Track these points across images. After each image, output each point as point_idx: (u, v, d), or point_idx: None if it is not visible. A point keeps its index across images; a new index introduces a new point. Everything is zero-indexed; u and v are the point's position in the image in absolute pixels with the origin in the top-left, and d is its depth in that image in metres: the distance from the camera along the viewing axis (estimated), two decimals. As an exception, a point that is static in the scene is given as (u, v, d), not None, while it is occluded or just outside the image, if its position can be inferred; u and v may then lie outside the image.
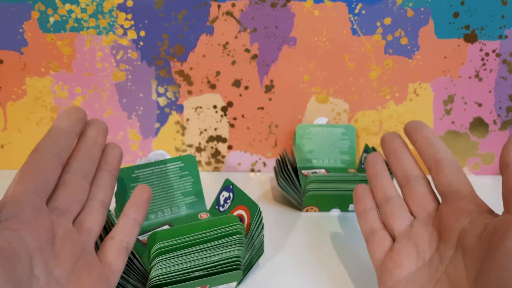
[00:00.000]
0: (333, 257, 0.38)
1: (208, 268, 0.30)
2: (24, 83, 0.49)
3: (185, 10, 0.47)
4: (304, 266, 0.37)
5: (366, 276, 0.36)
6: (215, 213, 0.40)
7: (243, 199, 0.36)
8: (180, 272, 0.30)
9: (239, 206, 0.37)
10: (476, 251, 0.25)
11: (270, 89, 0.50)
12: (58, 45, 0.48)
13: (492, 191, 0.49)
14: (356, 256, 0.38)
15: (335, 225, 0.43)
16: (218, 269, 0.31)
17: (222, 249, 0.31)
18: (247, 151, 0.53)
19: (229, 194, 0.39)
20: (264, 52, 0.49)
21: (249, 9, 0.47)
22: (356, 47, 0.48)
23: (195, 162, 0.41)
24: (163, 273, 0.29)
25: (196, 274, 0.30)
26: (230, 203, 0.38)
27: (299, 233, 0.42)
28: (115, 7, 0.46)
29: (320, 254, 0.39)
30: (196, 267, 0.30)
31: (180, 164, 0.40)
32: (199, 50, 0.48)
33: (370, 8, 0.47)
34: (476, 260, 0.25)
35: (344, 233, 0.42)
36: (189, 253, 0.31)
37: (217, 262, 0.31)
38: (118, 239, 0.29)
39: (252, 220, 0.34)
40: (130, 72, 0.49)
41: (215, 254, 0.31)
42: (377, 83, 0.50)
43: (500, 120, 0.51)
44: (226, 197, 0.39)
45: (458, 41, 0.48)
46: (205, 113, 0.51)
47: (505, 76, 0.50)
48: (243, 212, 0.36)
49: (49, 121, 0.51)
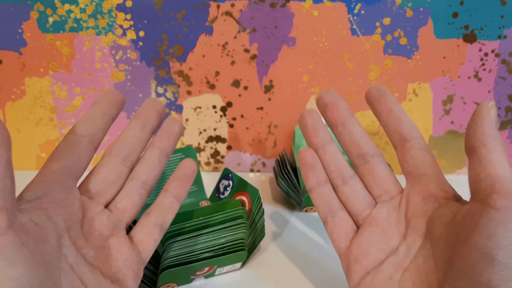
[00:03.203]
0: (333, 256, 0.38)
1: (216, 250, 0.33)
2: (23, 83, 0.49)
3: (184, 10, 0.47)
4: (304, 260, 0.37)
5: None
6: (215, 200, 0.41)
7: (243, 185, 0.38)
8: (190, 253, 0.32)
9: (239, 192, 0.38)
10: (445, 241, 0.24)
11: (270, 89, 0.50)
12: (57, 45, 0.48)
13: None
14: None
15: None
16: (225, 251, 0.33)
17: (228, 232, 0.34)
18: (247, 151, 0.53)
19: (229, 182, 0.40)
20: (264, 52, 0.49)
21: (249, 9, 0.47)
22: (356, 47, 0.48)
23: (195, 153, 0.42)
24: (174, 255, 0.32)
25: (204, 256, 0.33)
26: (230, 190, 0.39)
27: (299, 233, 0.42)
28: (114, 7, 0.46)
29: (320, 254, 0.39)
30: (204, 249, 0.33)
31: (181, 155, 0.42)
32: (199, 50, 0.48)
33: (369, 8, 0.47)
34: (445, 250, 0.24)
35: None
36: (198, 236, 0.33)
37: (224, 244, 0.33)
38: (153, 216, 0.28)
39: (253, 205, 0.36)
40: (129, 72, 0.49)
41: (222, 236, 0.33)
42: (376, 83, 0.50)
43: (499, 120, 0.51)
44: (226, 185, 0.40)
45: (457, 41, 0.48)
46: (205, 113, 0.51)
47: (504, 76, 0.50)
48: (244, 197, 0.37)
49: (48, 121, 0.51)
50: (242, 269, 0.37)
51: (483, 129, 0.24)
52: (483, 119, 0.24)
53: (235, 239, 0.34)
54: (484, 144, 0.24)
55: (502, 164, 0.23)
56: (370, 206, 0.29)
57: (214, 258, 0.33)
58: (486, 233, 0.21)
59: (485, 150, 0.23)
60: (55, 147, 0.26)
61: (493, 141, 0.24)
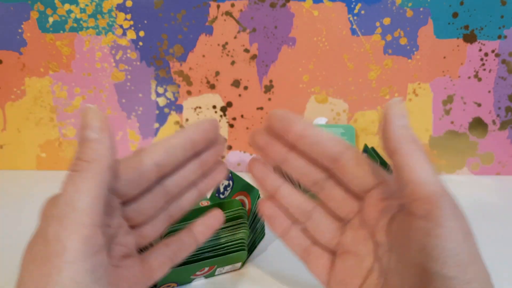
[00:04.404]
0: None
1: (216, 250, 0.33)
2: (23, 83, 0.49)
3: (184, 10, 0.47)
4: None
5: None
6: (215, 200, 0.41)
7: (243, 185, 0.38)
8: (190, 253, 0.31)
9: (239, 192, 0.38)
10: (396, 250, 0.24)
11: (270, 89, 0.50)
12: (57, 45, 0.48)
13: (492, 191, 0.49)
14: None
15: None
16: (225, 250, 0.33)
17: (228, 232, 0.34)
18: (247, 151, 0.53)
19: (229, 182, 0.40)
20: (264, 52, 0.49)
21: (249, 9, 0.47)
22: (356, 47, 0.48)
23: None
24: None
25: (205, 255, 0.33)
26: (230, 190, 0.39)
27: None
28: (114, 7, 0.46)
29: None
30: (204, 249, 0.33)
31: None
32: (199, 50, 0.48)
33: (370, 8, 0.47)
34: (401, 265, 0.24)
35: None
36: None
37: (224, 244, 0.33)
38: (171, 250, 0.29)
39: (253, 205, 0.36)
40: (129, 72, 0.49)
41: (222, 236, 0.33)
42: (376, 83, 0.50)
43: (499, 120, 0.51)
44: (226, 185, 0.40)
45: (457, 41, 0.48)
46: (205, 113, 0.51)
47: (504, 76, 0.50)
48: (244, 197, 0.37)
49: (48, 121, 0.51)
50: (242, 269, 0.37)
51: (391, 134, 0.23)
52: (389, 123, 0.23)
53: (235, 239, 0.34)
54: (396, 150, 0.22)
55: (418, 167, 0.22)
56: (339, 231, 0.28)
57: (214, 258, 0.33)
58: (417, 247, 0.21)
59: (398, 156, 0.22)
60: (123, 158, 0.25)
61: (404, 144, 0.22)
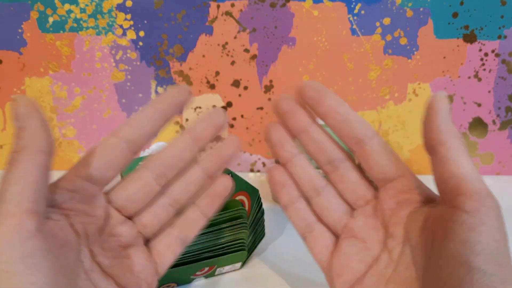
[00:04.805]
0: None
1: (216, 250, 0.33)
2: (23, 83, 0.49)
3: (184, 10, 0.47)
4: (304, 260, 0.37)
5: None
6: None
7: (243, 185, 0.38)
8: (190, 253, 0.32)
9: (239, 192, 0.38)
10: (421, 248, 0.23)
11: (270, 89, 0.50)
12: (57, 45, 0.48)
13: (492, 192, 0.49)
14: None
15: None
16: (225, 250, 0.34)
17: (228, 232, 0.34)
18: (247, 151, 0.53)
19: None
20: (264, 52, 0.49)
21: (249, 9, 0.47)
22: (356, 47, 0.48)
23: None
24: None
25: (204, 256, 0.33)
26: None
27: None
28: (114, 7, 0.46)
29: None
30: (205, 249, 0.33)
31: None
32: (199, 50, 0.48)
33: (370, 8, 0.47)
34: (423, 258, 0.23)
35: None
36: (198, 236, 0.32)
37: (224, 244, 0.33)
38: (177, 228, 0.27)
39: (253, 205, 0.36)
40: (129, 72, 0.49)
41: (222, 236, 0.33)
42: (376, 83, 0.50)
43: (499, 120, 0.51)
44: None
45: (457, 41, 0.48)
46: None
47: (504, 76, 0.50)
48: (244, 197, 0.37)
49: (48, 122, 0.51)
50: (242, 269, 0.37)
51: (439, 126, 0.22)
52: (437, 115, 0.23)
53: (235, 239, 0.34)
54: (443, 142, 0.22)
55: (464, 162, 0.22)
56: (347, 215, 0.27)
57: (214, 258, 0.33)
58: (459, 239, 0.21)
59: (444, 149, 0.22)
60: (91, 147, 0.24)
61: (451, 138, 0.22)
